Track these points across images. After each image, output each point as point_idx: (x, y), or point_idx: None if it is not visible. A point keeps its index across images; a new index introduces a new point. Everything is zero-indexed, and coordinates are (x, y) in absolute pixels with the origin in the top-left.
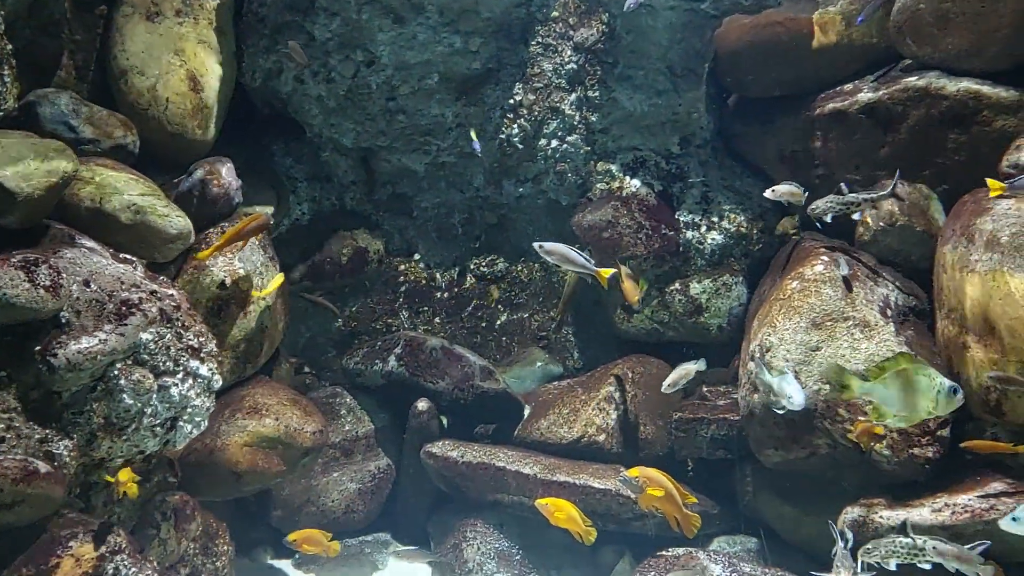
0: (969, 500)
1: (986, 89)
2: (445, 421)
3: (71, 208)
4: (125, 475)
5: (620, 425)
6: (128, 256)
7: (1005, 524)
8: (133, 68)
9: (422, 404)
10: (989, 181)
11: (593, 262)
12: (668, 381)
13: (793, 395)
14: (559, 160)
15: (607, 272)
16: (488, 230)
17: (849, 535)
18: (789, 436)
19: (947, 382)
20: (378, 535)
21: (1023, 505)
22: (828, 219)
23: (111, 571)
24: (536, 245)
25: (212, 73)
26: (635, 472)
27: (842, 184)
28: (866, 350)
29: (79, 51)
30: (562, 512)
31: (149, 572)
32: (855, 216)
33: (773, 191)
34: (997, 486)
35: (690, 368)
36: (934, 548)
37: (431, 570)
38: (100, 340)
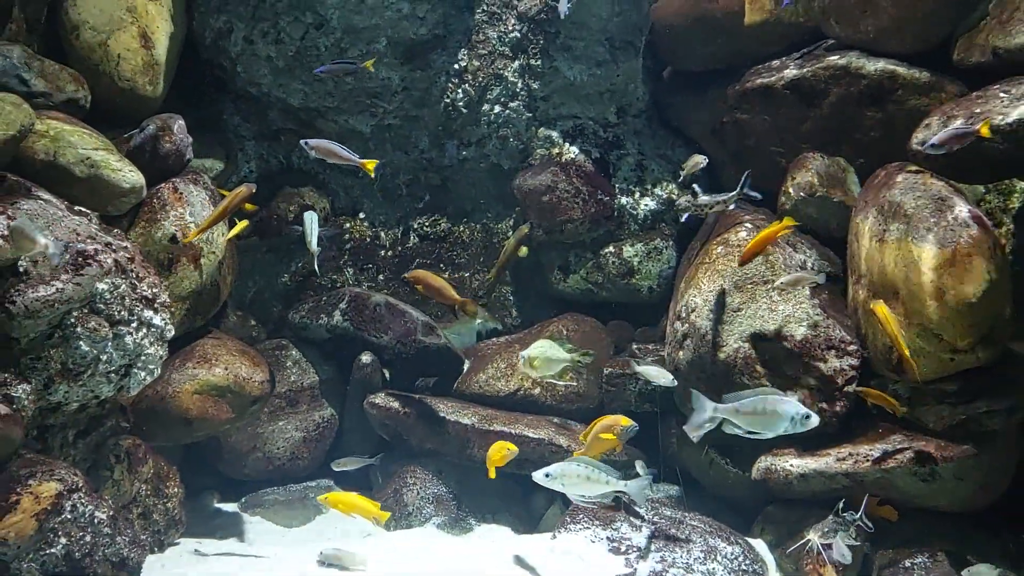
0: (870, 450)
1: (901, 70)
2: (388, 374)
3: (26, 161)
4: None
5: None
6: (83, 209)
7: (537, 477)
8: (85, 23)
9: (366, 357)
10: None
11: (358, 155)
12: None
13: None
14: (502, 125)
15: (371, 164)
16: (432, 191)
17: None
18: (710, 391)
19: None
20: (321, 481)
21: (557, 464)
22: (682, 219)
23: (69, 508)
24: (302, 142)
25: (162, 30)
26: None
27: (695, 186)
28: (782, 312)
29: (29, 4)
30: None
31: (105, 509)
32: (709, 215)
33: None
34: (897, 438)
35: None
36: None
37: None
38: (57, 289)
